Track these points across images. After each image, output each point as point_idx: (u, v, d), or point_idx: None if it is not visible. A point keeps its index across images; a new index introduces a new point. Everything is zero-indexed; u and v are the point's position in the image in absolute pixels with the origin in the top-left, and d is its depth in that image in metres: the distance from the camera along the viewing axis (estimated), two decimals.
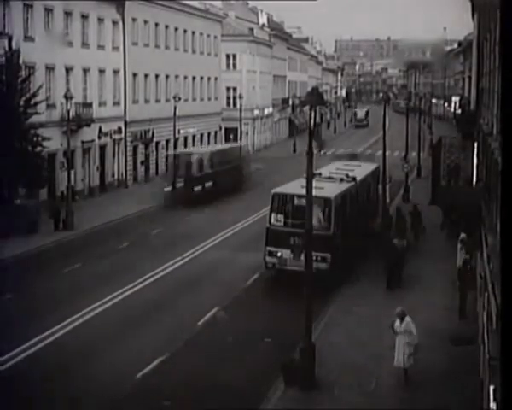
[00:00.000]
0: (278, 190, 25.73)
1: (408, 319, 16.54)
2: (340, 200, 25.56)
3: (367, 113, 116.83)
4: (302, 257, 20.28)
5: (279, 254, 24.26)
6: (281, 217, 24.62)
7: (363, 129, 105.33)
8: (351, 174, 28.78)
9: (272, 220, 24.77)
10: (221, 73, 67.47)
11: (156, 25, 53.07)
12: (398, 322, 16.55)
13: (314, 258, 19.10)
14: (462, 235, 23.81)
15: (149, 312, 22.16)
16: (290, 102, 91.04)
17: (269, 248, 24.58)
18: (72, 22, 42.10)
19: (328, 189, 25.38)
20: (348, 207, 26.71)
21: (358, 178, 29.08)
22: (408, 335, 16.32)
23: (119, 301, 23.22)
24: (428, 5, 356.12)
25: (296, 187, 25.01)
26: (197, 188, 41.57)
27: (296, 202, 24.27)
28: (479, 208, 21.16)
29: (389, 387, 16.58)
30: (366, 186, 31.33)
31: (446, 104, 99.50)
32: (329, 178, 27.77)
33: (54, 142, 37.46)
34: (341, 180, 27.72)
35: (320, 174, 26.83)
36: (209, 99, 64.35)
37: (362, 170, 32.10)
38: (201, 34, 62.04)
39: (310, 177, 16.42)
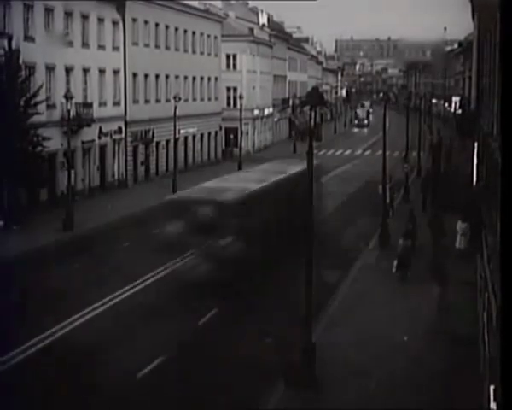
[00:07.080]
0: None
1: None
2: None
3: (368, 112, 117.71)
4: None
5: None
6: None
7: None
8: None
9: None
10: (221, 73, 67.41)
11: (156, 25, 53.05)
12: (460, 223, 27.84)
13: None
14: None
15: (147, 312, 22.18)
16: (290, 103, 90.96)
17: None
18: (72, 22, 42.05)
19: None
20: None
21: None
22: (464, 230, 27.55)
23: (118, 301, 23.22)
24: (428, 5, 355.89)
25: None
26: None
27: None
28: (479, 208, 21.16)
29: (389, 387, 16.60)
30: None
31: (447, 104, 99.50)
32: None
33: (54, 142, 37.45)
34: None
35: None
36: (209, 99, 64.31)
37: None
38: (201, 34, 62.00)
39: (310, 176, 16.39)
